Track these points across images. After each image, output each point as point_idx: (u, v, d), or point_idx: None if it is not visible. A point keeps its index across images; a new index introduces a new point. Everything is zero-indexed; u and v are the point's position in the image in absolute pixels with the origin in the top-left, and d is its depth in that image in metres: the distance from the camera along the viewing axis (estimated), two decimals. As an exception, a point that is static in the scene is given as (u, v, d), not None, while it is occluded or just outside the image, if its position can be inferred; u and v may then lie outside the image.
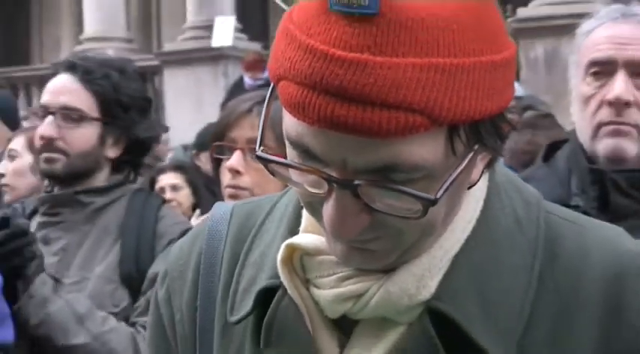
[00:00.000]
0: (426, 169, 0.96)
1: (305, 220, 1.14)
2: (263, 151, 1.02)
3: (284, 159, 1.02)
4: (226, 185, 2.25)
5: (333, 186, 0.98)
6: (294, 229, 1.15)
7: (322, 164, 0.98)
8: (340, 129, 0.93)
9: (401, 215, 0.98)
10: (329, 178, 0.97)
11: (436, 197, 0.96)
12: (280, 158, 1.02)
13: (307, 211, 1.09)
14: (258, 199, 1.29)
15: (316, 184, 1.00)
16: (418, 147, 0.95)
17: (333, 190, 0.98)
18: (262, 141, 1.03)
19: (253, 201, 1.29)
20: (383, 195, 0.97)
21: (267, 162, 1.02)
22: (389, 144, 0.94)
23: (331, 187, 0.98)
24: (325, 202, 1.00)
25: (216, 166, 2.36)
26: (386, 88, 0.92)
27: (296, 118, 0.97)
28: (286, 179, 1.04)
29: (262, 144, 1.03)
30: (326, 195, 0.99)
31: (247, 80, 9.91)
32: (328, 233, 1.03)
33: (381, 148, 0.94)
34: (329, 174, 0.97)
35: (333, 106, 0.93)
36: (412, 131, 0.93)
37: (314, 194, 1.01)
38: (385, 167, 0.95)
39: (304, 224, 1.14)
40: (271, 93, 1.03)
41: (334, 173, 0.97)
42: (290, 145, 1.01)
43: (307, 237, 1.11)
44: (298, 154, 1.00)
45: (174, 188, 5.08)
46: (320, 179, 0.98)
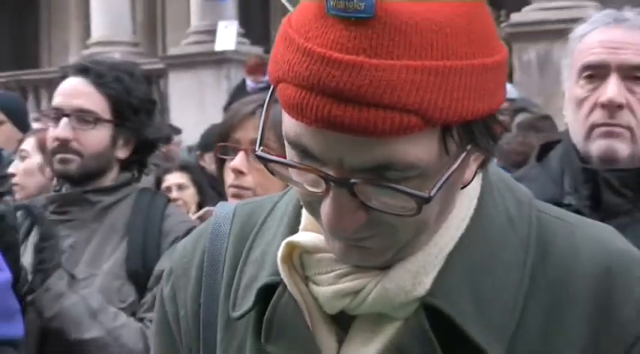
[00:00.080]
0: (420, 168, 0.96)
1: (304, 219, 1.14)
2: (264, 152, 1.02)
3: (283, 158, 1.02)
4: (230, 185, 2.25)
5: (331, 184, 0.98)
6: (294, 228, 1.15)
7: (320, 163, 0.98)
8: (337, 129, 0.94)
9: (396, 213, 0.98)
10: (326, 177, 0.97)
11: (430, 195, 0.96)
12: (279, 157, 1.02)
13: (306, 211, 1.09)
14: (259, 199, 1.29)
15: (314, 183, 1.01)
16: (412, 146, 0.95)
17: (331, 189, 0.98)
18: (262, 141, 1.03)
19: (255, 201, 1.29)
20: (378, 193, 0.97)
21: (266, 161, 1.02)
22: (384, 143, 0.94)
23: (328, 186, 0.98)
24: (323, 201, 1.00)
25: (219, 167, 2.36)
26: (381, 89, 0.92)
27: (294, 119, 0.97)
28: (286, 178, 1.04)
29: (263, 144, 1.03)
30: (324, 193, 0.99)
31: (249, 83, 9.92)
32: (326, 231, 1.03)
33: (377, 148, 0.94)
34: (326, 173, 0.97)
35: (330, 107, 0.93)
36: (407, 131, 0.93)
37: (313, 193, 1.01)
38: (380, 166, 0.96)
39: (304, 223, 1.14)
40: (271, 95, 1.03)
41: (331, 172, 0.97)
42: (289, 145, 1.01)
43: (306, 235, 1.11)
44: (297, 154, 1.00)
45: (180, 187, 5.07)
46: (318, 178, 0.99)
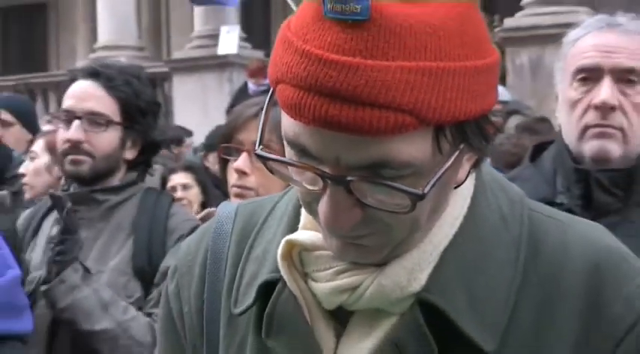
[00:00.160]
0: (415, 167, 0.96)
1: (304, 218, 1.14)
2: (264, 151, 1.02)
3: (282, 157, 1.02)
4: (233, 185, 2.25)
5: (327, 182, 0.98)
6: (293, 227, 1.15)
7: (317, 162, 0.98)
8: (333, 128, 0.94)
9: (390, 210, 0.98)
10: (323, 174, 0.98)
11: (424, 192, 0.96)
12: (277, 156, 1.02)
13: (305, 210, 1.09)
14: (261, 199, 1.29)
15: (313, 181, 1.01)
16: (407, 145, 0.95)
17: (328, 186, 0.98)
18: (262, 141, 1.03)
19: (256, 201, 1.29)
20: (374, 190, 0.98)
21: (266, 160, 1.02)
22: (379, 142, 0.94)
23: (325, 184, 0.99)
24: (321, 199, 1.00)
25: (223, 167, 2.35)
26: (376, 90, 0.92)
27: (293, 119, 0.97)
28: (285, 177, 1.04)
29: (263, 144, 1.03)
30: (321, 191, 1.00)
31: (251, 86, 9.92)
32: (324, 229, 1.03)
33: (372, 146, 0.95)
34: (323, 170, 0.97)
35: (327, 107, 0.93)
36: (401, 130, 0.94)
37: (311, 191, 1.01)
38: (376, 164, 0.96)
39: (303, 222, 1.14)
40: (270, 96, 1.04)
41: (328, 170, 0.97)
42: (288, 145, 1.01)
43: (305, 233, 1.11)
44: (295, 153, 1.00)
45: (184, 187, 5.06)
46: (316, 176, 0.99)
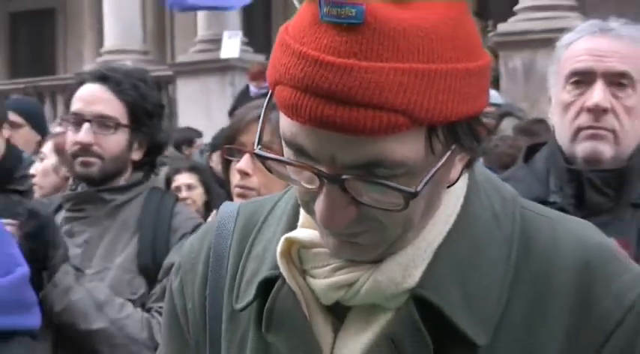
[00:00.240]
0: (408, 166, 0.97)
1: (302, 217, 1.14)
2: (264, 151, 1.02)
3: (280, 157, 1.03)
4: (235, 185, 2.25)
5: (324, 181, 0.98)
6: (292, 225, 1.15)
7: (314, 161, 0.98)
8: (329, 128, 0.94)
9: (384, 208, 0.98)
10: (319, 173, 0.98)
11: (416, 190, 0.97)
12: (275, 155, 1.02)
13: (303, 209, 1.09)
14: (261, 199, 1.29)
15: (310, 180, 1.01)
16: (400, 145, 0.95)
17: (324, 185, 0.99)
18: (261, 141, 1.04)
19: (257, 200, 1.29)
20: (368, 189, 0.98)
21: (264, 159, 1.02)
22: (373, 142, 0.94)
23: (322, 182, 0.99)
24: (317, 197, 1.00)
25: (225, 167, 2.35)
26: (370, 91, 0.93)
27: (290, 119, 0.97)
28: (284, 176, 1.04)
29: (265, 145, 1.04)
30: (318, 190, 1.00)
31: (252, 89, 9.93)
32: (320, 227, 1.04)
33: (366, 146, 0.95)
34: (319, 169, 0.98)
35: (323, 107, 0.94)
36: (394, 130, 0.94)
37: (308, 190, 1.01)
38: (370, 163, 0.96)
39: (301, 220, 1.14)
40: (269, 98, 1.04)
41: (324, 169, 0.98)
42: (286, 145, 1.01)
43: (304, 231, 1.12)
44: (293, 153, 1.01)
45: (189, 187, 5.06)
46: (312, 175, 0.99)
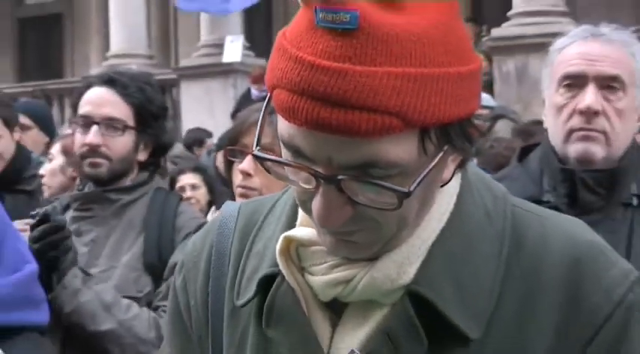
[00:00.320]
0: (401, 166, 0.97)
1: (300, 216, 1.14)
2: (263, 153, 1.03)
3: (278, 158, 1.03)
4: (237, 186, 2.25)
5: (320, 181, 0.98)
6: (291, 224, 1.15)
7: (311, 162, 0.98)
8: (325, 130, 0.94)
9: (379, 207, 0.98)
10: (316, 174, 0.98)
11: (409, 190, 0.97)
12: (273, 157, 1.03)
13: (301, 208, 1.09)
14: (261, 198, 1.29)
15: (307, 181, 1.01)
16: (394, 146, 0.95)
17: (320, 185, 0.99)
18: (259, 142, 1.04)
19: (258, 200, 1.29)
20: (364, 189, 0.98)
21: (262, 160, 1.03)
22: (368, 143, 0.95)
23: (318, 182, 0.99)
24: (314, 197, 1.00)
25: (228, 168, 2.35)
26: (365, 94, 0.93)
27: (287, 121, 0.98)
28: (282, 177, 1.04)
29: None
30: (314, 190, 1.00)
31: (254, 91, 9.93)
32: (317, 225, 1.04)
33: (361, 147, 0.95)
34: (316, 170, 0.98)
35: (319, 110, 0.94)
36: (388, 132, 0.94)
37: (306, 190, 1.02)
38: (365, 164, 0.96)
39: (300, 219, 1.14)
40: (268, 101, 1.04)
41: (321, 169, 0.98)
42: (284, 146, 1.02)
43: (302, 230, 1.12)
44: (291, 154, 1.01)
45: (193, 187, 5.05)
46: (309, 176, 0.99)
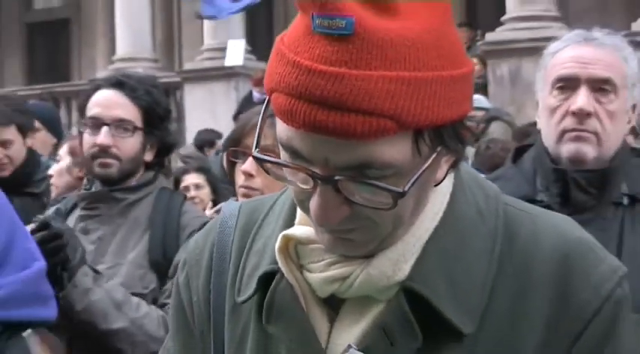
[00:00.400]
0: (396, 167, 0.97)
1: (299, 215, 1.14)
2: (263, 154, 1.03)
3: (277, 159, 1.03)
4: (240, 186, 2.25)
5: (318, 182, 0.99)
6: (290, 223, 1.15)
7: (308, 163, 0.99)
8: (322, 132, 0.94)
9: (375, 206, 0.99)
10: (313, 175, 0.98)
11: (404, 190, 0.97)
12: (272, 158, 1.03)
13: (299, 207, 1.09)
14: (261, 198, 1.29)
15: (305, 181, 1.01)
16: (388, 147, 0.95)
17: (318, 186, 0.99)
18: (259, 144, 1.04)
19: (257, 199, 1.29)
20: (360, 189, 0.98)
21: (262, 161, 1.03)
22: (363, 145, 0.95)
23: (316, 183, 0.99)
24: (312, 197, 1.00)
25: (231, 169, 2.35)
26: (360, 97, 0.93)
27: (285, 124, 0.98)
28: (281, 177, 1.04)
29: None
30: (312, 190, 1.00)
31: (255, 94, 9.92)
32: (315, 224, 1.04)
33: (357, 149, 0.95)
34: (313, 171, 0.98)
35: (316, 113, 0.94)
36: (383, 134, 0.94)
37: (304, 190, 1.02)
38: (361, 165, 0.96)
39: (298, 218, 1.15)
40: (267, 104, 1.04)
41: (318, 170, 0.98)
42: (282, 148, 1.02)
43: (301, 229, 1.12)
44: (289, 155, 1.01)
45: (197, 187, 5.04)
46: (307, 176, 0.99)
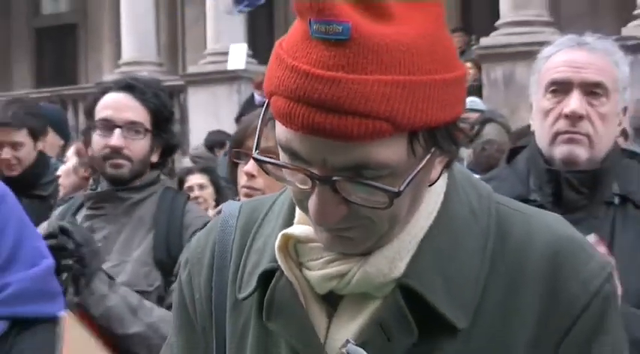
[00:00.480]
0: (392, 168, 0.97)
1: (298, 215, 1.14)
2: (263, 156, 1.03)
3: (276, 160, 1.03)
4: (242, 186, 2.25)
5: (316, 182, 0.99)
6: (289, 222, 1.15)
7: (307, 164, 0.99)
8: (320, 134, 0.95)
9: (371, 206, 0.99)
10: (312, 175, 0.98)
11: (399, 190, 0.97)
12: (272, 159, 1.03)
13: (298, 207, 1.10)
14: (262, 197, 1.29)
15: (303, 181, 1.01)
16: (384, 149, 0.96)
17: (316, 186, 0.99)
18: (259, 146, 1.04)
19: (258, 199, 1.30)
20: (357, 189, 0.98)
21: (262, 163, 1.03)
22: (360, 146, 0.95)
23: (314, 183, 0.99)
24: (310, 197, 1.01)
25: (233, 169, 2.35)
26: (357, 100, 0.93)
27: (284, 126, 0.98)
28: (280, 178, 1.05)
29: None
30: (310, 190, 1.00)
31: (257, 97, 9.93)
32: (313, 223, 1.04)
33: (354, 150, 0.95)
34: (312, 172, 0.98)
35: (314, 116, 0.94)
36: (379, 136, 0.94)
37: (302, 190, 1.02)
38: (358, 165, 0.97)
39: (297, 218, 1.15)
40: (266, 107, 1.04)
41: (316, 171, 0.98)
42: (281, 150, 1.02)
43: (299, 228, 1.12)
44: (288, 157, 1.01)
45: (200, 187, 5.04)
46: (305, 177, 1.00)
